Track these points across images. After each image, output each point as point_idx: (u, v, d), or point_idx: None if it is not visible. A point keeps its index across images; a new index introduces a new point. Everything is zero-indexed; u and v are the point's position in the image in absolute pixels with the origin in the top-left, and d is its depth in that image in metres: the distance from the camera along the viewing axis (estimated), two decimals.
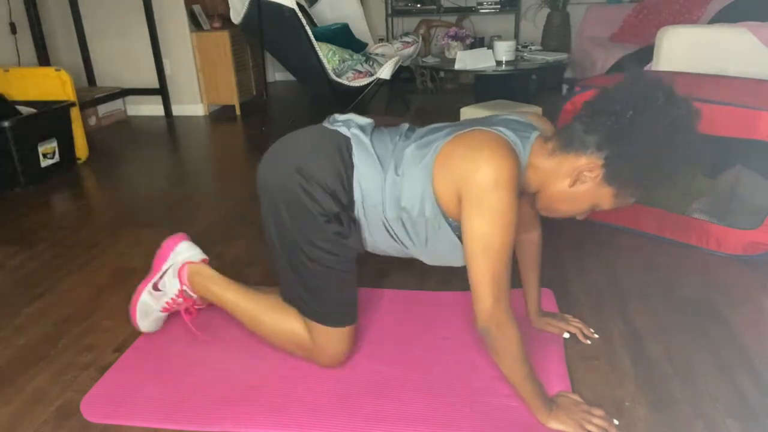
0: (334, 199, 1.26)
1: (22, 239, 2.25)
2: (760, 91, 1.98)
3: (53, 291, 1.85)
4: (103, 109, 4.05)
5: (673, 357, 1.42)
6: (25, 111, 2.85)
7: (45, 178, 2.91)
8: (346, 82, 3.57)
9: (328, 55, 3.62)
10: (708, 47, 2.38)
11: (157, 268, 1.55)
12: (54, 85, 3.08)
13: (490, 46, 3.65)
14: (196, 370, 1.43)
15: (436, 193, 1.19)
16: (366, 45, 4.34)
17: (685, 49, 2.42)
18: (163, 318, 1.59)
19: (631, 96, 1.08)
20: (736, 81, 2.15)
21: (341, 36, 4.12)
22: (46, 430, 1.26)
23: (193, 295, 1.53)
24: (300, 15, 3.28)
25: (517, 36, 4.94)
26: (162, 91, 4.22)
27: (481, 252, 1.10)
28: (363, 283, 1.78)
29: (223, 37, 4.15)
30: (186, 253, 1.53)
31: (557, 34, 4.64)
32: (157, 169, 3.13)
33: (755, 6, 3.10)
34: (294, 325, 1.38)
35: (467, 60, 3.48)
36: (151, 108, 4.32)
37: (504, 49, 3.54)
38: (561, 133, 1.17)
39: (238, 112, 4.32)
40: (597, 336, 1.51)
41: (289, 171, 1.28)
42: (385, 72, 3.52)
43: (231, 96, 4.31)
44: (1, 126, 2.64)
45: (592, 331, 1.52)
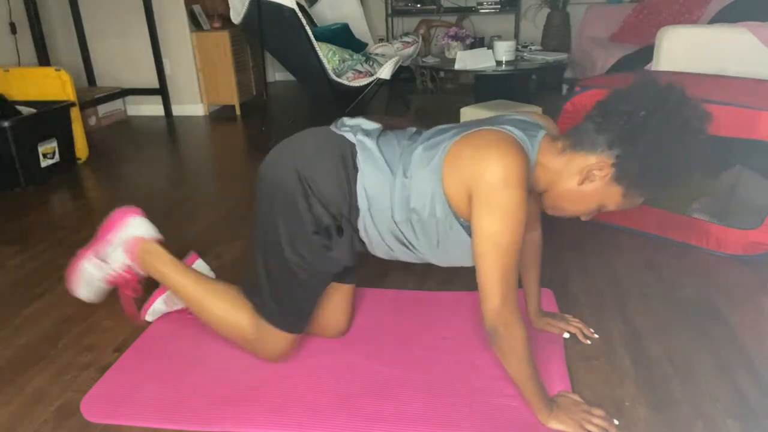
0: (330, 212, 1.27)
1: (22, 239, 2.25)
2: (760, 91, 1.98)
3: (53, 291, 1.85)
4: (103, 109, 4.05)
5: (673, 357, 1.42)
6: (25, 111, 2.85)
7: (45, 178, 2.91)
8: (346, 82, 3.58)
9: (328, 55, 3.62)
10: (708, 47, 2.39)
11: (102, 237, 1.50)
12: (54, 85, 3.08)
13: (490, 46, 3.66)
14: (196, 370, 1.43)
15: (447, 194, 1.19)
16: (366, 45, 4.34)
17: (685, 49, 2.42)
18: (106, 290, 1.55)
19: (644, 96, 1.09)
20: (736, 81, 2.15)
21: (341, 36, 4.12)
22: (46, 430, 1.26)
23: (141, 272, 1.50)
24: (300, 15, 3.28)
25: (517, 36, 4.94)
26: (162, 91, 4.22)
27: (490, 250, 1.10)
28: (363, 283, 1.78)
29: (223, 37, 4.15)
30: (139, 229, 1.49)
31: (557, 34, 4.64)
32: (157, 169, 3.13)
33: (755, 6, 3.10)
34: (241, 317, 1.39)
35: (467, 60, 3.48)
36: (151, 108, 4.32)
37: (504, 49, 3.54)
38: (571, 132, 1.18)
39: (238, 112, 4.32)
40: (597, 336, 1.51)
41: (291, 175, 1.28)
42: (385, 72, 3.52)
43: (231, 96, 4.31)
44: (1, 126, 2.64)
45: (592, 331, 1.52)
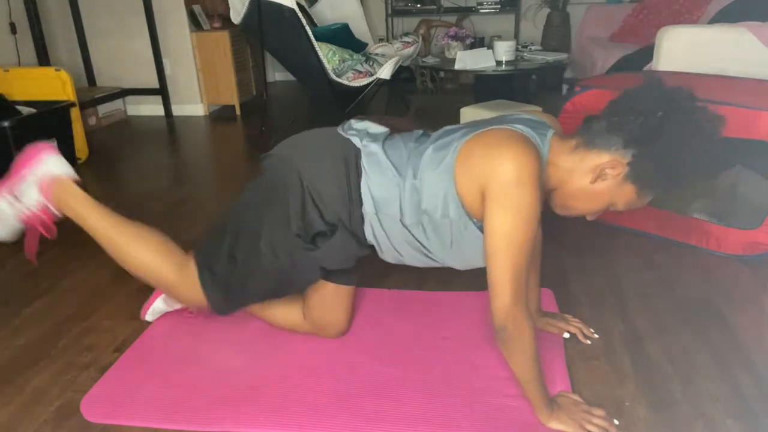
0: (326, 218, 1.28)
1: (22, 239, 2.24)
2: (760, 91, 1.98)
3: (53, 291, 1.85)
4: (103, 109, 4.04)
5: (673, 357, 1.42)
6: (25, 111, 2.85)
7: None
8: (346, 82, 3.57)
9: (328, 55, 3.62)
10: (708, 47, 2.39)
11: (15, 174, 1.46)
12: (54, 85, 3.08)
13: (490, 46, 3.66)
14: (196, 370, 1.43)
15: (460, 194, 1.18)
16: (366, 45, 4.34)
17: (685, 49, 2.42)
18: (20, 229, 1.49)
19: (660, 97, 1.10)
20: (736, 81, 2.15)
21: (341, 36, 4.12)
22: (46, 430, 1.26)
23: (56, 212, 1.47)
24: (300, 15, 3.28)
25: (517, 36, 4.94)
26: (162, 91, 4.22)
27: (503, 249, 1.09)
28: (363, 283, 1.78)
29: (223, 37, 4.15)
30: (55, 168, 1.44)
31: (557, 34, 4.64)
32: (157, 169, 3.13)
33: (755, 6, 3.10)
34: (162, 264, 1.38)
35: (467, 60, 3.48)
36: (151, 108, 4.32)
37: (504, 49, 3.54)
38: (583, 131, 1.18)
39: (238, 112, 4.32)
40: (597, 336, 1.51)
41: (293, 175, 1.29)
42: (385, 72, 3.52)
43: (231, 96, 4.31)
44: (1, 126, 2.63)
45: (592, 331, 1.51)
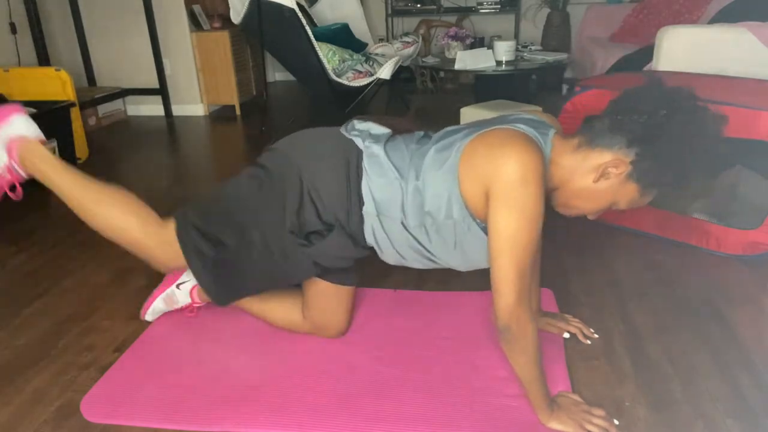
0: (324, 218, 1.28)
1: (22, 239, 2.25)
2: (760, 91, 1.98)
3: (53, 291, 1.85)
4: (103, 109, 4.04)
5: (673, 357, 1.42)
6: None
7: None
8: (346, 82, 3.57)
9: (328, 55, 3.62)
10: (708, 47, 2.39)
11: None
12: (54, 85, 3.08)
13: (490, 46, 3.66)
14: (196, 370, 1.43)
15: (463, 194, 1.18)
16: (366, 45, 4.34)
17: (685, 49, 2.42)
18: None
19: (662, 96, 1.10)
20: (736, 81, 2.15)
21: (341, 36, 4.12)
22: (46, 430, 1.26)
23: (22, 173, 1.44)
24: (300, 15, 3.28)
25: (517, 36, 4.94)
26: (162, 91, 4.22)
27: (508, 248, 1.09)
28: (363, 283, 1.78)
29: (223, 37, 4.15)
30: (22, 128, 1.43)
31: (557, 34, 4.64)
32: (156, 169, 3.13)
33: (755, 6, 3.10)
34: (133, 226, 1.38)
35: (467, 60, 3.48)
36: (151, 108, 4.32)
37: (504, 49, 3.54)
38: (585, 130, 1.18)
39: (238, 112, 4.32)
40: (597, 336, 1.51)
41: (293, 174, 1.29)
42: (385, 72, 3.52)
43: (231, 96, 4.30)
44: None
45: (592, 331, 1.51)
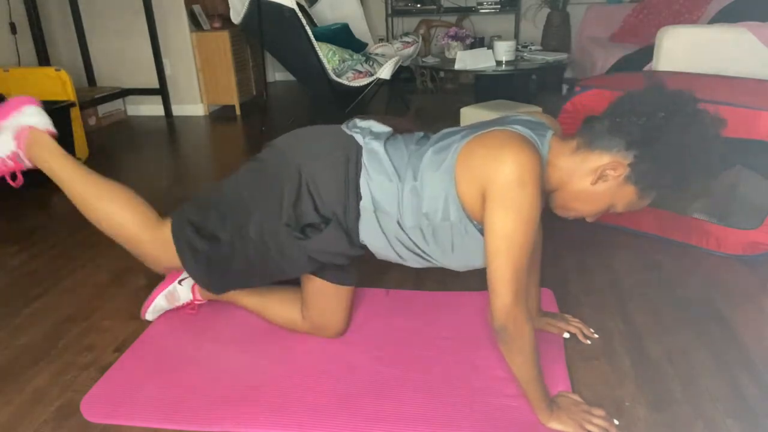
0: (321, 211, 1.28)
1: (22, 239, 2.25)
2: (760, 91, 1.98)
3: (53, 291, 1.85)
4: (103, 109, 4.05)
5: (673, 357, 1.42)
6: None
7: (45, 178, 2.89)
8: (346, 82, 3.58)
9: (328, 55, 3.62)
10: (708, 47, 2.39)
11: None
12: (54, 85, 3.08)
13: (490, 46, 3.66)
14: (196, 370, 1.43)
15: (460, 196, 1.18)
16: (366, 45, 4.34)
17: (685, 49, 2.42)
18: None
19: (662, 99, 1.10)
20: (736, 81, 2.15)
21: (341, 36, 4.12)
22: (46, 430, 1.26)
23: (27, 162, 1.46)
24: (300, 15, 3.28)
25: (517, 36, 4.94)
26: (162, 91, 4.22)
27: (504, 249, 1.09)
28: (363, 283, 1.78)
29: (223, 37, 4.15)
30: (33, 119, 1.45)
31: (557, 34, 4.64)
32: (156, 169, 3.13)
33: (755, 6, 3.10)
34: (132, 222, 1.39)
35: (467, 60, 3.48)
36: (151, 108, 4.32)
37: (504, 49, 3.54)
38: (584, 132, 1.18)
39: (238, 112, 4.32)
40: (597, 336, 1.51)
41: (291, 167, 1.29)
42: (385, 72, 3.52)
43: (231, 96, 4.31)
44: None
45: (592, 331, 1.52)
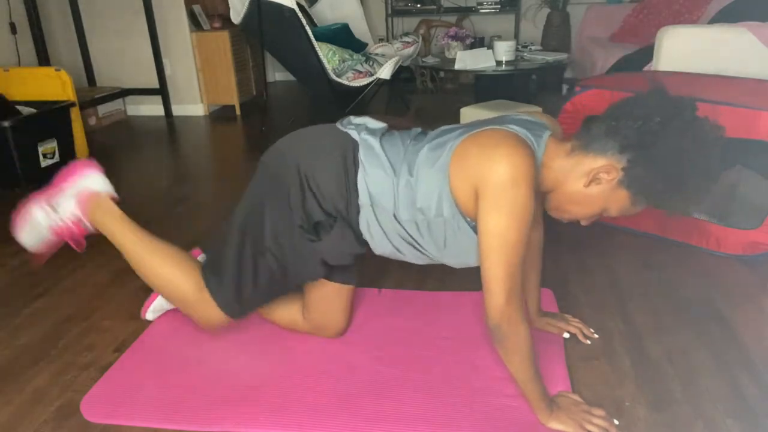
0: (324, 207, 1.28)
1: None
2: (760, 91, 1.98)
3: (53, 291, 1.85)
4: (103, 109, 4.04)
5: (673, 357, 1.42)
6: (25, 111, 2.85)
7: (45, 178, 2.86)
8: (346, 82, 3.58)
9: (328, 55, 3.62)
10: (708, 47, 2.39)
11: (56, 186, 1.50)
12: (54, 85, 3.08)
13: (490, 46, 3.65)
14: (196, 370, 1.43)
15: (454, 193, 1.19)
16: (366, 45, 4.34)
17: (685, 49, 2.42)
18: (48, 241, 1.52)
19: (660, 104, 1.09)
20: (736, 81, 2.15)
21: (341, 36, 4.12)
22: (46, 430, 1.26)
23: (89, 226, 1.49)
24: (300, 15, 3.28)
25: (517, 36, 4.94)
26: (162, 91, 4.22)
27: (496, 249, 1.10)
28: (363, 283, 1.78)
29: (223, 37, 4.15)
30: (95, 183, 1.49)
31: (557, 34, 4.64)
32: (156, 169, 3.13)
33: (755, 6, 3.10)
34: (184, 282, 1.40)
35: (467, 60, 3.48)
36: (151, 108, 4.32)
37: (504, 49, 3.54)
38: (580, 134, 1.18)
39: (238, 112, 4.32)
40: (597, 336, 1.51)
41: (291, 168, 1.29)
42: (385, 72, 3.52)
43: (231, 96, 4.30)
44: (1, 126, 2.63)
45: (592, 331, 1.51)
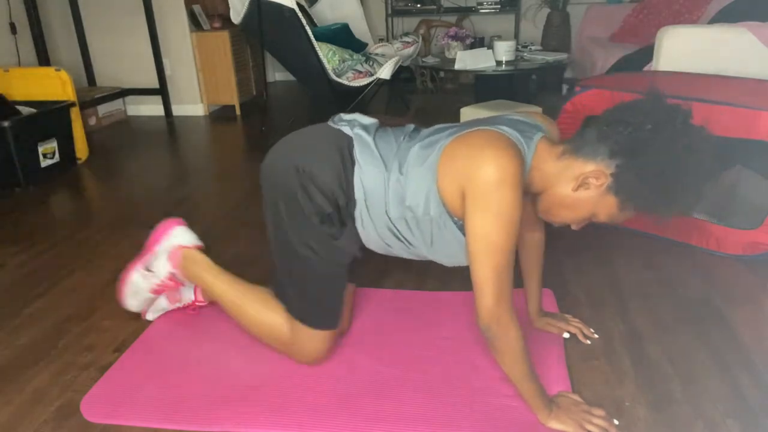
0: (330, 200, 1.28)
1: (23, 239, 2.25)
2: (760, 91, 1.98)
3: (53, 291, 1.85)
4: (103, 109, 4.04)
5: (673, 357, 1.42)
6: (25, 111, 2.85)
7: (45, 178, 2.91)
8: (346, 82, 3.57)
9: (328, 55, 3.62)
10: (708, 47, 2.39)
11: (149, 249, 1.57)
12: (54, 85, 3.08)
13: (490, 46, 3.65)
14: (196, 370, 1.43)
15: (441, 193, 1.19)
16: (366, 45, 4.34)
17: (685, 49, 2.42)
18: (152, 300, 1.61)
19: (652, 111, 1.08)
20: (736, 81, 2.15)
21: (341, 36, 4.12)
22: (46, 430, 1.26)
23: (183, 280, 1.55)
24: (300, 15, 3.28)
25: (517, 36, 4.94)
26: (162, 91, 4.22)
27: (483, 250, 1.10)
28: (363, 283, 1.78)
29: (223, 37, 4.15)
30: (180, 238, 1.55)
31: (557, 34, 4.64)
32: (157, 169, 3.13)
33: (755, 6, 3.09)
34: (276, 319, 1.40)
35: (467, 60, 3.48)
36: (151, 108, 4.32)
37: (504, 49, 3.54)
38: (574, 137, 1.18)
39: (238, 112, 4.32)
40: (597, 336, 1.51)
41: (290, 170, 1.29)
42: (385, 72, 3.52)
43: (231, 96, 4.31)
44: (1, 126, 2.64)
45: (592, 331, 1.52)
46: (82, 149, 3.20)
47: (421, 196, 1.22)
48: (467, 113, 3.04)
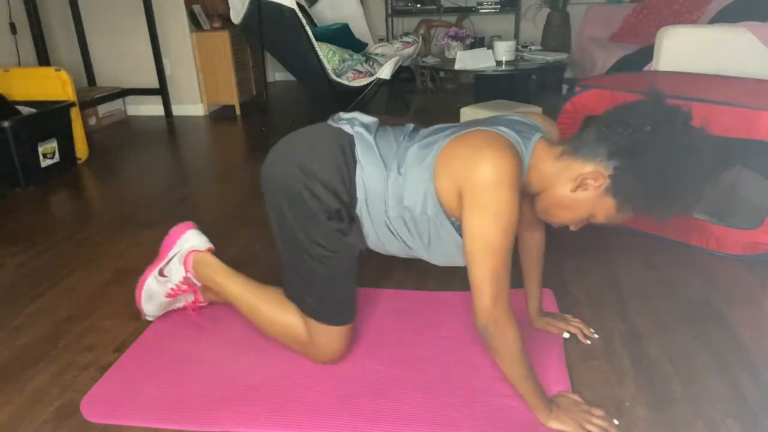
0: (335, 197, 1.27)
1: (23, 239, 2.25)
2: (760, 91, 1.98)
3: (53, 291, 1.85)
4: (103, 109, 4.04)
5: (673, 357, 1.42)
6: (25, 111, 2.85)
7: (45, 178, 2.91)
8: (346, 82, 3.57)
9: (328, 55, 3.62)
10: (708, 47, 2.39)
11: (163, 255, 1.58)
12: (54, 85, 3.08)
13: (490, 46, 3.65)
14: (196, 370, 1.43)
15: (438, 193, 1.19)
16: (366, 45, 4.34)
17: (685, 49, 2.42)
18: (167, 303, 1.62)
19: (652, 112, 1.08)
20: (736, 81, 2.15)
21: (341, 36, 4.12)
22: (46, 430, 1.26)
23: (197, 282, 1.57)
24: (300, 15, 3.28)
25: (517, 36, 4.94)
26: (162, 91, 4.22)
27: (480, 251, 1.10)
28: (363, 283, 1.78)
29: (223, 37, 4.15)
30: (192, 241, 1.56)
31: (557, 34, 4.64)
32: (157, 169, 3.13)
33: (755, 6, 3.09)
34: (291, 320, 1.39)
35: (467, 60, 3.48)
36: (151, 108, 4.32)
37: (504, 49, 3.54)
38: (573, 138, 1.18)
39: (238, 112, 4.32)
40: (597, 336, 1.51)
41: (292, 169, 1.29)
42: (385, 72, 3.52)
43: (231, 96, 4.31)
44: (1, 126, 2.64)
45: (592, 331, 1.52)
46: (82, 149, 3.20)
47: (419, 196, 1.22)
48: (467, 113, 3.04)
